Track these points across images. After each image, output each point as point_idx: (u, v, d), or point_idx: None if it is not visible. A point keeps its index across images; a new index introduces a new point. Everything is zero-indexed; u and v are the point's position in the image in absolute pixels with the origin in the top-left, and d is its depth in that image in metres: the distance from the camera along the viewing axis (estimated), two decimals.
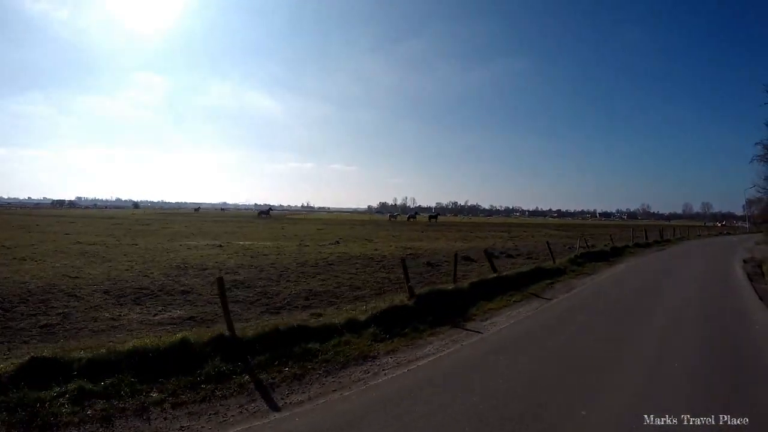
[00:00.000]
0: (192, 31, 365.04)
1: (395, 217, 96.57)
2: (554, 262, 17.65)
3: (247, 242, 26.43)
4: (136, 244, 23.07)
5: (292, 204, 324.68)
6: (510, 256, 22.12)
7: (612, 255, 23.33)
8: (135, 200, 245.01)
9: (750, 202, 68.03)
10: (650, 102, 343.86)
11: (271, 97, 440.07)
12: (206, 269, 14.97)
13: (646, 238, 33.43)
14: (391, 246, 25.99)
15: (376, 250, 23.23)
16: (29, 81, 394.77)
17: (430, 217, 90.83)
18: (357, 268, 16.40)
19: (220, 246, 23.12)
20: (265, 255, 19.45)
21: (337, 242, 27.87)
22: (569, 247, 26.73)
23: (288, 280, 13.63)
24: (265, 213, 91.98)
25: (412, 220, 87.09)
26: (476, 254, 20.71)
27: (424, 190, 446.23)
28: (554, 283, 14.73)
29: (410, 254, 20.91)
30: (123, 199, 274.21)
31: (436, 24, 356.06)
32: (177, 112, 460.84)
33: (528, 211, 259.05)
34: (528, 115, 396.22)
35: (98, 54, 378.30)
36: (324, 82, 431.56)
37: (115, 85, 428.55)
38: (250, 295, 11.56)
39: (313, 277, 14.25)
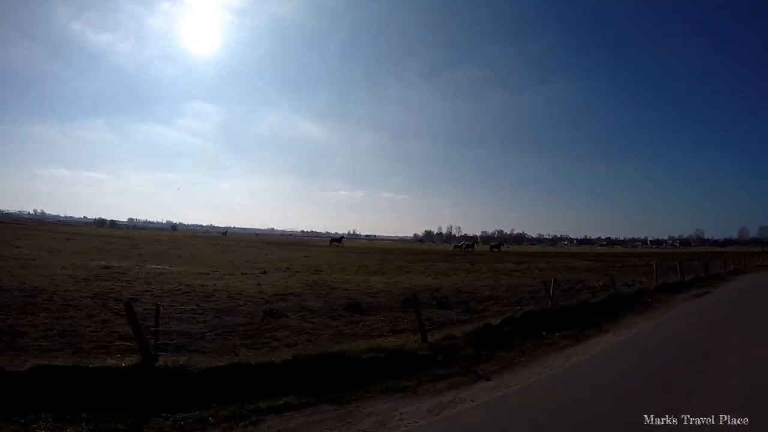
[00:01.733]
0: (246, 62, 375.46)
1: (461, 247, 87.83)
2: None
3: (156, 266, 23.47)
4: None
5: (340, 231, 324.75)
6: (439, 305, 14.77)
7: (604, 312, 13.72)
8: (174, 223, 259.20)
9: None
10: (703, 124, 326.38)
11: (323, 126, 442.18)
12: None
13: (682, 274, 22.50)
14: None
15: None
16: (92, 108, 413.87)
17: (492, 247, 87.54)
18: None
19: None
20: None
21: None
22: (567, 288, 20.86)
23: None
24: (337, 241, 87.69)
25: (469, 249, 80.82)
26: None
27: (470, 219, 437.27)
28: None
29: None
30: (175, 222, 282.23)
31: (485, 48, 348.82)
32: (230, 140, 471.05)
33: (576, 239, 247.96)
34: (578, 140, 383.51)
35: (157, 84, 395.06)
36: (375, 112, 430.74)
37: (171, 114, 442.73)
38: None
39: None
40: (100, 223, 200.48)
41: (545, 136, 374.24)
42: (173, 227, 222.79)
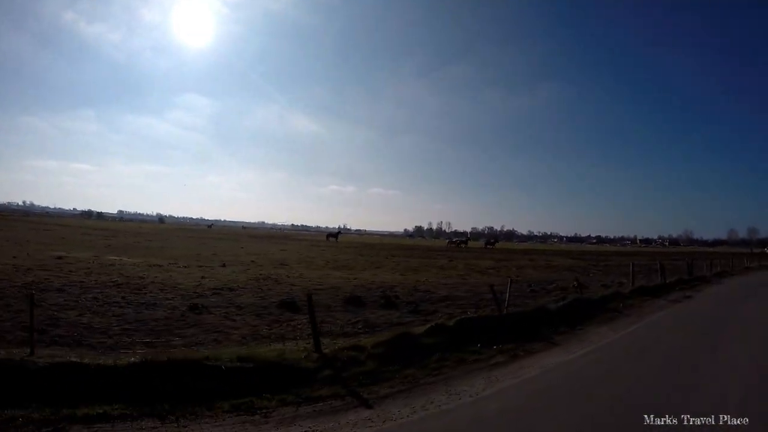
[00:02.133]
0: (240, 55, 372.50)
1: (455, 243, 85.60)
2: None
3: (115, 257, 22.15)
4: None
5: (330, 225, 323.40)
6: (387, 305, 13.39)
7: (564, 320, 11.54)
8: (163, 215, 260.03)
9: None
10: (693, 124, 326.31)
11: (316, 122, 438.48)
12: None
13: (663, 276, 20.36)
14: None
15: None
16: (82, 99, 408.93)
17: (487, 243, 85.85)
18: None
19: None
20: None
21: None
22: (538, 289, 19.13)
23: None
24: (334, 236, 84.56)
25: (462, 245, 78.26)
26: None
27: (460, 215, 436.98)
28: None
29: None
30: (164, 215, 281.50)
31: (481, 49, 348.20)
32: (222, 133, 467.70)
33: (566, 237, 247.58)
34: (570, 140, 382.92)
35: (148, 75, 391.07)
36: (369, 107, 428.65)
37: (163, 106, 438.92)
38: None
39: None
40: (87, 214, 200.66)
41: (538, 136, 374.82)
42: (161, 219, 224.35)
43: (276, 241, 65.57)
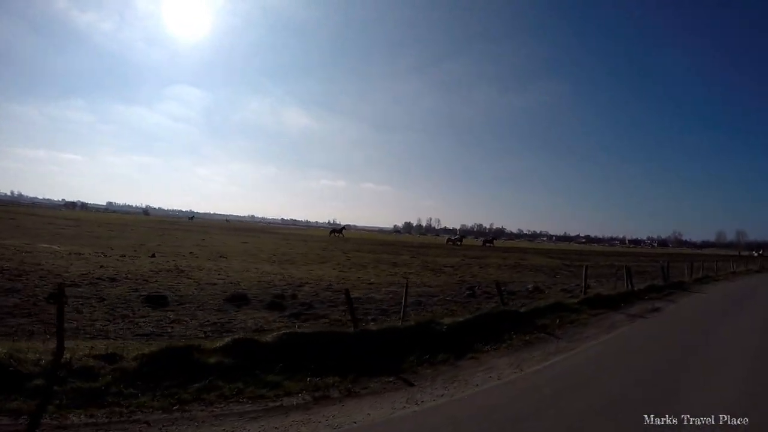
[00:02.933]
0: (234, 48, 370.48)
1: (454, 241, 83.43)
2: None
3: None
4: None
5: (320, 220, 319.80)
6: (273, 305, 11.55)
7: (452, 342, 8.41)
8: (146, 207, 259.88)
9: None
10: (685, 127, 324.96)
11: (309, 116, 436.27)
12: None
13: (630, 284, 16.99)
14: None
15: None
16: (72, 88, 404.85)
17: (485, 241, 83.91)
18: None
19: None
20: None
21: None
22: (479, 293, 16.59)
23: None
24: (338, 231, 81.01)
25: (458, 244, 76.32)
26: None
27: (450, 212, 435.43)
28: None
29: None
30: (151, 207, 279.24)
31: (476, 46, 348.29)
32: (213, 125, 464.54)
33: (555, 236, 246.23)
34: (562, 139, 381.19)
35: (140, 66, 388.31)
36: (362, 102, 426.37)
37: (153, 97, 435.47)
38: None
39: None
40: (71, 205, 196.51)
41: (531, 134, 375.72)
42: (145, 212, 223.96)
43: (248, 234, 63.03)
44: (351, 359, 6.91)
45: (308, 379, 6.25)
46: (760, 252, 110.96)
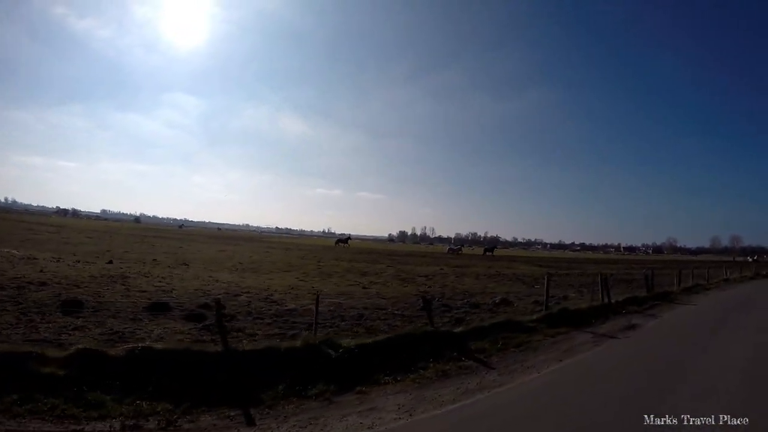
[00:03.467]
0: (230, 55, 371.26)
1: (453, 251, 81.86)
2: None
3: None
4: None
5: (315, 229, 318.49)
6: (190, 317, 10.78)
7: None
8: (138, 215, 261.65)
9: None
10: (679, 132, 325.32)
11: (305, 124, 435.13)
12: None
13: (607, 295, 15.04)
14: None
15: None
16: (70, 94, 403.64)
17: (486, 250, 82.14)
18: None
19: None
20: None
21: None
22: (438, 306, 15.38)
23: None
24: (344, 241, 79.83)
25: (459, 253, 75.34)
26: None
27: (446, 221, 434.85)
28: None
29: None
30: (144, 215, 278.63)
31: (471, 54, 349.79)
32: (209, 133, 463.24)
33: (550, 244, 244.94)
34: (556, 146, 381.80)
35: (137, 73, 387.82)
36: (357, 110, 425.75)
37: (150, 104, 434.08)
38: None
39: None
40: (63, 212, 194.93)
41: (526, 141, 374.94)
42: (137, 219, 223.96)
43: (234, 242, 61.97)
44: (203, 384, 5.82)
45: (138, 402, 5.38)
46: (755, 257, 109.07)
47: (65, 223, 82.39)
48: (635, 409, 5.42)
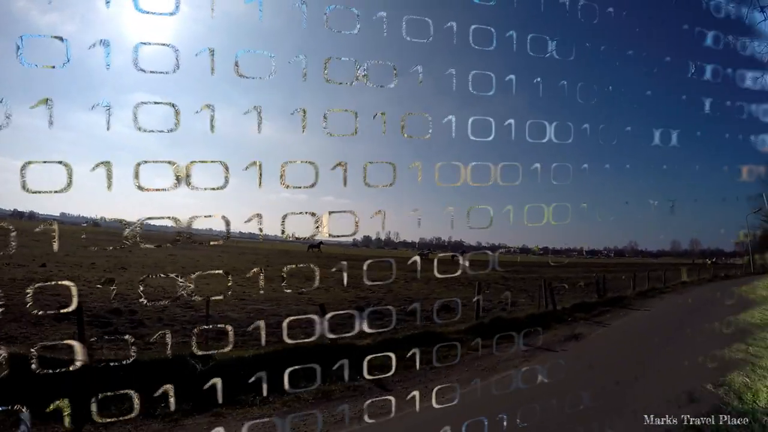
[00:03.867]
0: (195, 55, 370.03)
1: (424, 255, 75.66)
2: None
3: None
4: None
5: (279, 235, 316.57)
6: None
7: None
8: (100, 218, 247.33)
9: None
10: (639, 134, 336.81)
11: (271, 127, 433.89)
12: None
13: (552, 302, 14.62)
14: None
15: None
16: (29, 92, 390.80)
17: (453, 256, 78.07)
18: None
19: None
20: None
21: None
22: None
23: None
24: (315, 246, 69.75)
25: (431, 258, 70.19)
26: None
27: (410, 225, 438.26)
28: None
29: None
30: (108, 218, 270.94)
31: (435, 60, 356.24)
32: (173, 135, 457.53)
33: (513, 248, 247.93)
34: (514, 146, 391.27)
35: (100, 71, 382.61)
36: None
37: (113, 104, 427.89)
38: None
39: None
40: (18, 215, 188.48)
41: (487, 148, 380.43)
42: (95, 223, 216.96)
43: (184, 247, 58.39)
44: None
45: None
46: (713, 260, 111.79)
47: (19, 226, 78.45)
48: None
